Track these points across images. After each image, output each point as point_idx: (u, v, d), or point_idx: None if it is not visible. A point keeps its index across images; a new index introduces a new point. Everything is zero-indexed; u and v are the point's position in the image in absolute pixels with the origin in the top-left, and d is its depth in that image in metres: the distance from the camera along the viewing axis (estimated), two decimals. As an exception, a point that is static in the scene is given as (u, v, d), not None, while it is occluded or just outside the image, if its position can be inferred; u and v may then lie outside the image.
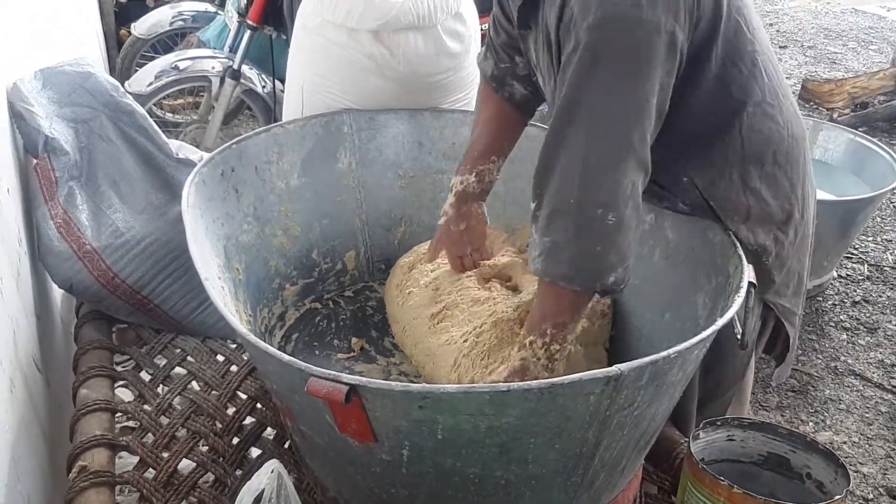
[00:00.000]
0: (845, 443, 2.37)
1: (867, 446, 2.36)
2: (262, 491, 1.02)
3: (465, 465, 1.06)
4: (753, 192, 1.30)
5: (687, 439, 1.45)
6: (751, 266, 1.22)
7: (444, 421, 0.99)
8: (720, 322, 1.09)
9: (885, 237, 3.50)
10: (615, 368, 0.98)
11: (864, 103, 4.48)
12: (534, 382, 0.95)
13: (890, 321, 2.94)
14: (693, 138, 1.28)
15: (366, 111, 1.81)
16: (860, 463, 2.29)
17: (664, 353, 1.01)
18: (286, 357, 1.02)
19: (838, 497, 1.06)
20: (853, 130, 3.33)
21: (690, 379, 1.20)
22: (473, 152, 1.54)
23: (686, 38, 1.15)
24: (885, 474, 2.26)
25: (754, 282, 1.19)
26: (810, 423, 2.45)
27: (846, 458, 2.31)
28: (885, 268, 3.27)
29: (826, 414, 2.49)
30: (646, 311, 1.51)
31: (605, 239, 1.14)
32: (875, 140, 3.19)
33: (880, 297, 3.08)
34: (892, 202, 3.73)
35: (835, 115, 4.38)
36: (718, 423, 1.21)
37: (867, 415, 2.49)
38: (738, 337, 1.19)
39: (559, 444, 1.06)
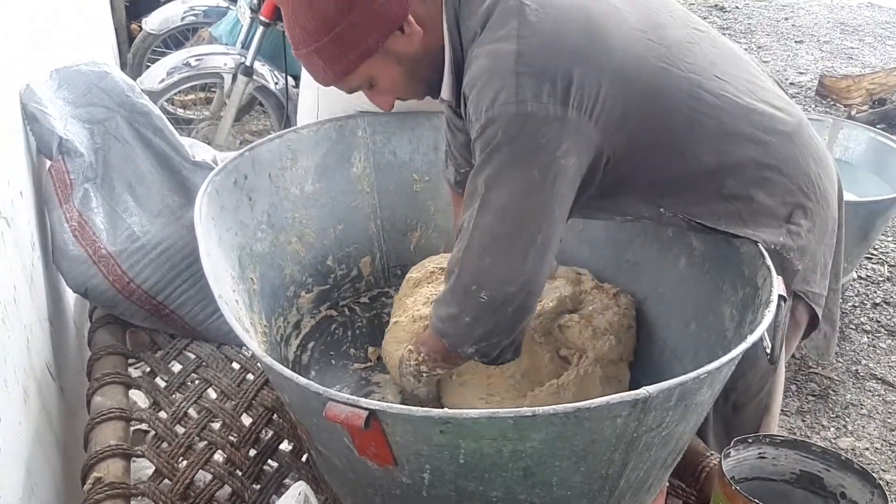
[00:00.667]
0: (867, 449, 2.33)
1: (890, 452, 2.32)
2: (291, 514, 1.00)
3: (488, 489, 1.04)
4: (741, 199, 1.29)
5: (712, 451, 1.43)
6: (780, 278, 1.19)
7: (467, 445, 0.97)
8: (750, 339, 1.06)
9: (905, 237, 3.45)
10: (643, 391, 0.95)
11: (882, 100, 4.41)
12: (559, 407, 0.92)
13: (911, 323, 2.89)
14: (654, 178, 1.30)
15: (381, 114, 1.77)
16: (882, 470, 2.26)
17: (693, 374, 0.98)
18: (303, 380, 0.99)
19: (875, 522, 1.03)
20: (874, 129, 3.27)
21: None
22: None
23: (586, 117, 1.16)
24: (908, 482, 2.23)
25: (785, 295, 1.16)
26: (831, 429, 2.41)
27: (868, 464, 2.27)
28: (906, 268, 3.22)
29: (847, 419, 2.45)
30: (670, 321, 1.48)
31: (474, 313, 1.22)
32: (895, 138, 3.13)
33: (901, 298, 3.04)
34: (912, 200, 3.67)
35: (852, 112, 4.32)
36: (750, 440, 1.18)
37: (889, 420, 2.45)
38: (768, 352, 1.16)
39: (584, 467, 1.03)
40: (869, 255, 3.26)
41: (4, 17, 1.58)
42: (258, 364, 1.62)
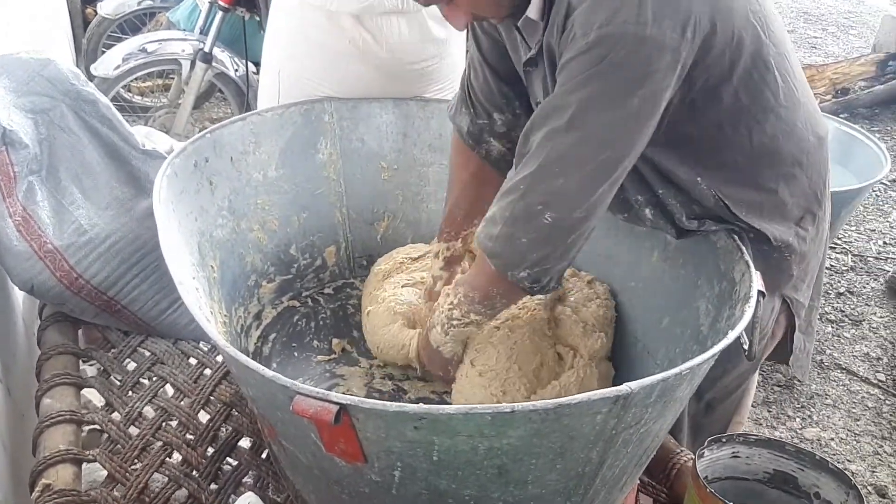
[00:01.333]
0: (832, 439, 2.34)
1: (855, 443, 2.33)
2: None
3: (461, 487, 0.99)
4: (768, 191, 1.26)
5: (682, 449, 1.40)
6: (759, 273, 1.16)
7: (441, 442, 0.92)
8: (732, 335, 1.03)
9: (868, 227, 3.48)
10: (625, 388, 0.91)
11: (846, 89, 4.45)
12: (539, 403, 0.88)
13: (874, 313, 2.91)
14: (705, 142, 1.24)
15: (348, 99, 1.72)
16: (848, 460, 2.26)
17: (675, 371, 0.95)
18: (269, 373, 0.94)
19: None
20: (838, 119, 3.29)
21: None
22: (457, 217, 1.53)
23: (691, 52, 1.10)
24: (874, 472, 2.23)
25: (763, 290, 1.13)
26: (797, 419, 2.42)
27: (833, 454, 2.28)
28: (869, 258, 3.25)
29: (812, 409, 2.46)
30: (642, 315, 1.45)
31: (534, 234, 1.16)
32: (860, 129, 3.15)
33: (864, 287, 3.06)
34: (874, 192, 3.71)
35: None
36: (723, 439, 1.15)
37: (854, 410, 2.46)
38: (745, 348, 1.13)
39: (561, 465, 0.99)
40: (833, 245, 3.28)
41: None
42: (217, 358, 1.56)
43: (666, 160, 1.26)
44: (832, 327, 2.84)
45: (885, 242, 3.37)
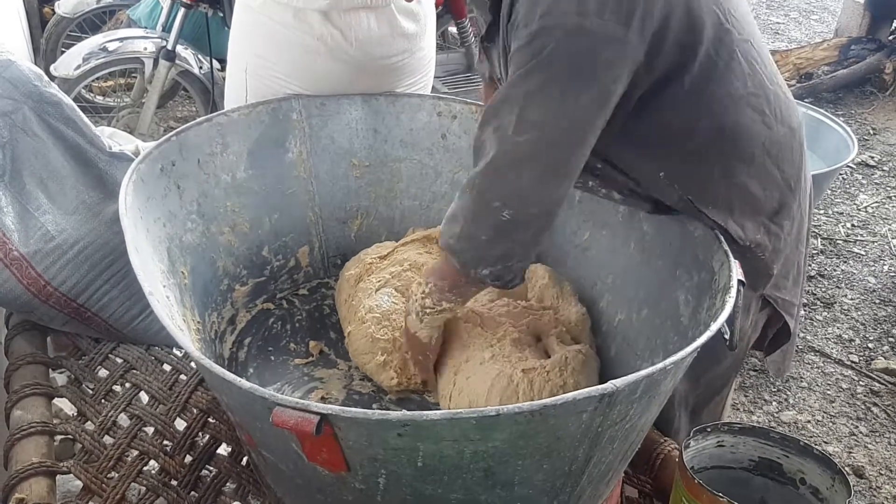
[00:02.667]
0: (809, 422, 2.36)
1: (831, 424, 2.36)
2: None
3: (447, 492, 0.98)
4: (737, 186, 1.24)
5: (665, 438, 1.40)
6: (737, 262, 1.15)
7: (426, 448, 0.91)
8: (714, 326, 1.03)
9: (836, 210, 3.51)
10: (610, 385, 0.90)
11: (809, 74, 4.50)
12: (524, 405, 0.86)
13: (845, 295, 2.95)
14: (666, 135, 1.22)
15: (316, 97, 1.69)
16: (825, 442, 2.29)
17: (660, 366, 0.94)
18: (246, 384, 0.91)
19: (842, 509, 1.01)
20: (805, 104, 3.32)
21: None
22: None
23: (641, 43, 1.08)
24: (850, 452, 2.26)
25: (743, 279, 1.12)
26: (773, 403, 2.44)
27: (810, 437, 2.30)
28: (838, 241, 3.28)
29: (788, 392, 2.48)
30: (621, 307, 1.44)
31: (493, 232, 1.15)
32: (827, 113, 3.18)
33: (835, 270, 3.09)
34: (841, 175, 3.75)
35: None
36: (708, 429, 1.15)
37: (829, 392, 2.48)
38: (726, 338, 1.12)
39: (548, 465, 0.98)
40: (802, 230, 3.31)
41: None
42: (192, 364, 1.53)
43: (623, 156, 1.25)
44: (804, 311, 2.87)
45: (853, 225, 3.41)
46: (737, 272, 1.13)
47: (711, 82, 1.17)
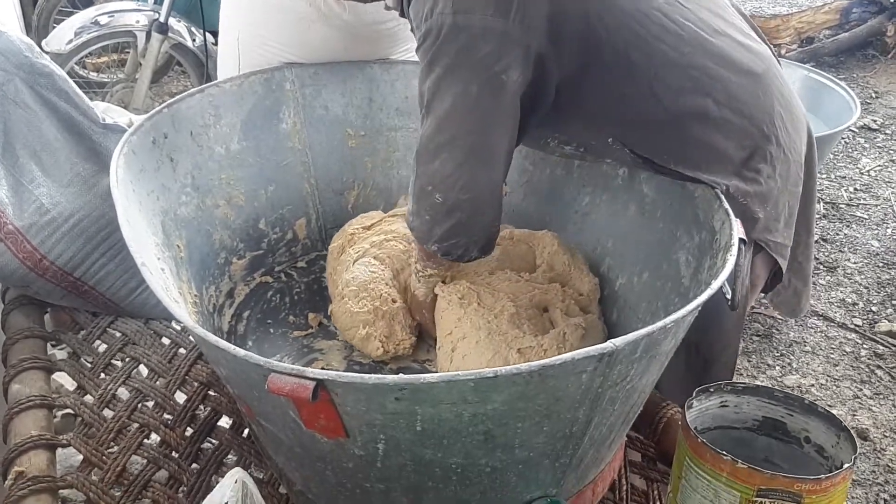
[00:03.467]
0: (812, 385, 2.36)
1: (835, 388, 2.35)
2: None
3: (447, 456, 0.97)
4: (696, 140, 1.25)
5: (668, 402, 1.39)
6: (739, 221, 1.14)
7: (424, 412, 0.90)
8: (715, 284, 1.01)
9: (838, 174, 3.49)
10: (609, 344, 0.89)
11: (811, 38, 4.46)
12: (523, 366, 0.85)
13: (848, 259, 2.93)
14: (608, 105, 1.26)
15: (309, 65, 1.67)
16: (829, 405, 2.28)
17: (660, 325, 0.93)
18: (241, 352, 0.90)
19: (847, 466, 1.00)
20: (808, 67, 3.28)
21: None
22: None
23: (529, 30, 1.13)
24: (854, 415, 2.26)
25: (745, 238, 1.11)
26: (777, 367, 2.43)
27: (815, 400, 2.29)
28: (841, 205, 3.26)
29: (792, 357, 2.47)
30: (622, 270, 1.43)
31: (432, 212, 1.23)
32: (829, 76, 3.15)
33: (837, 235, 3.07)
34: (844, 139, 3.72)
35: (782, 51, 4.35)
36: (711, 389, 1.14)
37: (832, 356, 2.48)
38: (728, 298, 1.11)
39: (548, 427, 0.97)
40: (804, 194, 3.29)
41: None
42: (190, 337, 1.52)
43: (568, 131, 1.31)
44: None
45: (855, 189, 3.39)
46: (738, 230, 1.12)
47: (637, 50, 1.20)
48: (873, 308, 2.67)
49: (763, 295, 1.51)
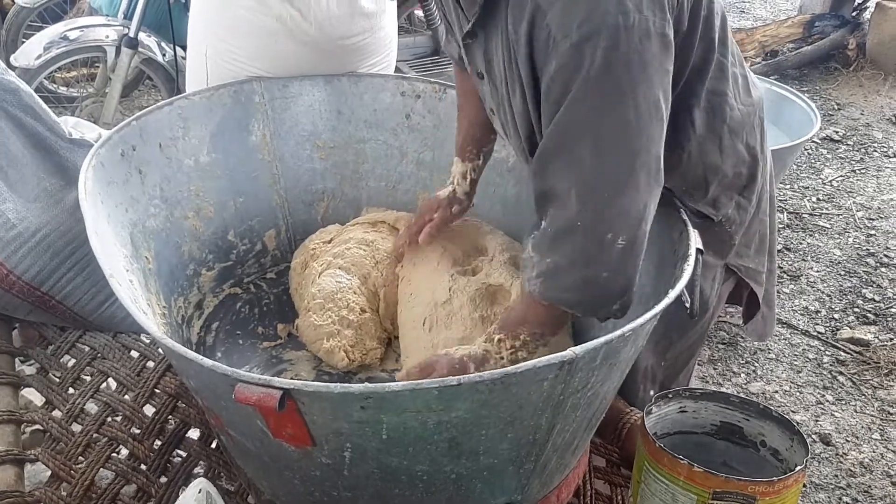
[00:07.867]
0: (777, 392, 2.40)
1: (798, 394, 2.40)
2: (191, 513, 0.92)
3: (413, 463, 0.99)
4: (711, 167, 1.25)
5: (632, 408, 1.42)
6: (696, 231, 1.17)
7: (389, 420, 0.91)
8: (672, 294, 1.04)
9: (801, 184, 3.55)
10: (569, 353, 0.91)
11: (774, 51, 4.53)
12: (485, 374, 0.87)
13: (811, 268, 2.98)
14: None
15: (278, 79, 1.68)
16: (792, 411, 2.32)
17: (618, 333, 0.95)
18: (208, 362, 0.91)
19: (799, 468, 1.03)
20: (769, 80, 3.35)
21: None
22: (475, 134, 1.44)
23: (671, 29, 1.05)
24: (817, 421, 2.30)
25: (702, 248, 1.14)
26: (742, 375, 2.47)
27: (779, 406, 2.33)
28: (804, 215, 3.32)
29: (756, 364, 2.52)
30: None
31: (613, 265, 1.05)
32: (790, 88, 3.21)
33: (801, 244, 3.13)
34: (806, 149, 3.79)
35: (747, 65, 4.42)
36: (670, 395, 1.17)
37: (796, 362, 2.52)
38: (687, 306, 1.14)
39: (512, 434, 0.99)
40: (768, 205, 3.35)
41: None
42: (159, 350, 1.52)
43: None
44: (772, 283, 2.91)
45: (818, 199, 3.45)
46: (695, 241, 1.15)
47: (693, 72, 1.16)
48: (835, 315, 2.72)
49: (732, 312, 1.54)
